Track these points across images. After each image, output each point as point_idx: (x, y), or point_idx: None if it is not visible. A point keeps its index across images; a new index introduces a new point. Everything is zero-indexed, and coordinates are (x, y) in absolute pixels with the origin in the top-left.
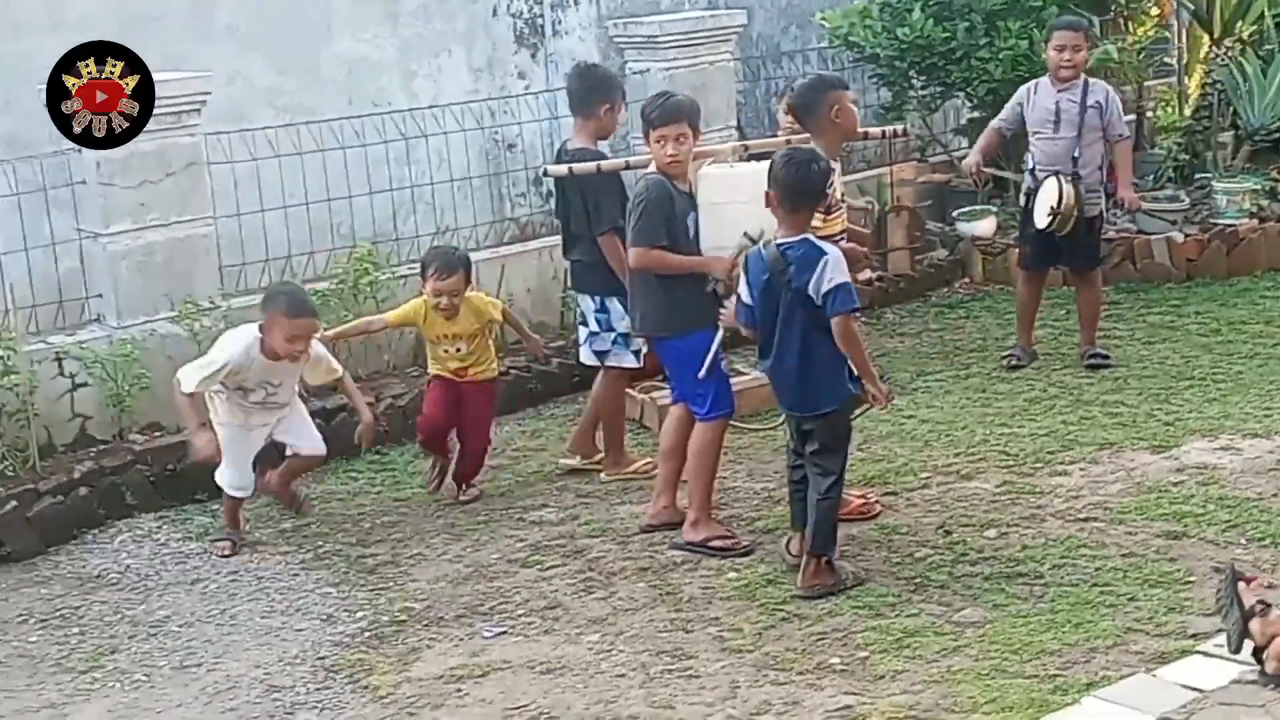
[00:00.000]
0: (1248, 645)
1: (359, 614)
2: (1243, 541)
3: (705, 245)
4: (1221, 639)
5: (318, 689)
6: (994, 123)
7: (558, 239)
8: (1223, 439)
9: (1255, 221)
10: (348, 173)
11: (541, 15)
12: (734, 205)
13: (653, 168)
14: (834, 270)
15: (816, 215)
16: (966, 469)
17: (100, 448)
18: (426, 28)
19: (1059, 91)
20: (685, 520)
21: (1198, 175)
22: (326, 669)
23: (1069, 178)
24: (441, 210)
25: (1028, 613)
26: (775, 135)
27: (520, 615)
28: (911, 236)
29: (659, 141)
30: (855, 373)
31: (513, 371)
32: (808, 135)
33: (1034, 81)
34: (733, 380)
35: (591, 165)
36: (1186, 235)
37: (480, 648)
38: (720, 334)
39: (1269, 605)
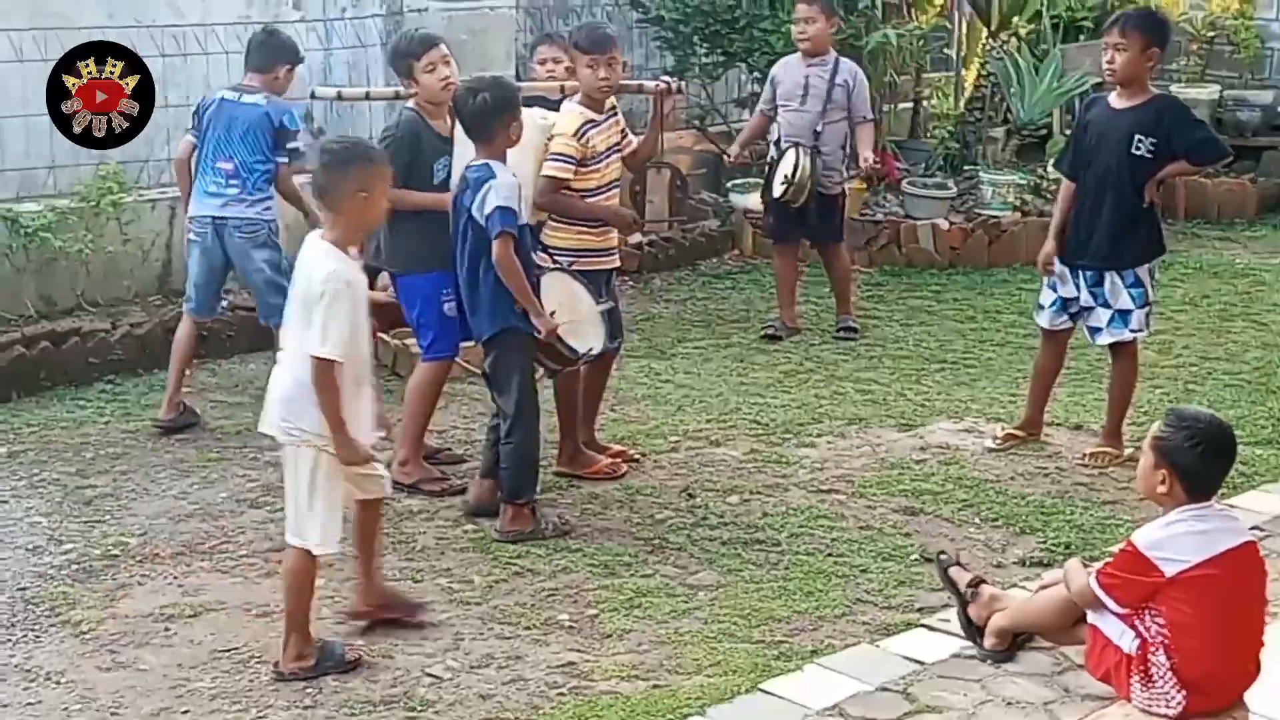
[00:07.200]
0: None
1: (68, 546)
2: (976, 521)
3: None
4: (946, 614)
5: (13, 622)
6: (758, 108)
7: None
8: (967, 421)
9: (1018, 215)
10: None
11: None
12: None
13: (412, 102)
14: (498, 194)
15: (569, 168)
16: (717, 435)
17: None
18: None
19: (809, 66)
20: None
21: (967, 166)
22: (26, 600)
23: (809, 151)
24: None
25: (761, 579)
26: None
27: (242, 556)
28: (674, 197)
29: (428, 69)
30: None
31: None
32: (578, 84)
33: (786, 58)
34: None
35: (360, 91)
36: (951, 223)
37: (195, 587)
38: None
39: (980, 583)
